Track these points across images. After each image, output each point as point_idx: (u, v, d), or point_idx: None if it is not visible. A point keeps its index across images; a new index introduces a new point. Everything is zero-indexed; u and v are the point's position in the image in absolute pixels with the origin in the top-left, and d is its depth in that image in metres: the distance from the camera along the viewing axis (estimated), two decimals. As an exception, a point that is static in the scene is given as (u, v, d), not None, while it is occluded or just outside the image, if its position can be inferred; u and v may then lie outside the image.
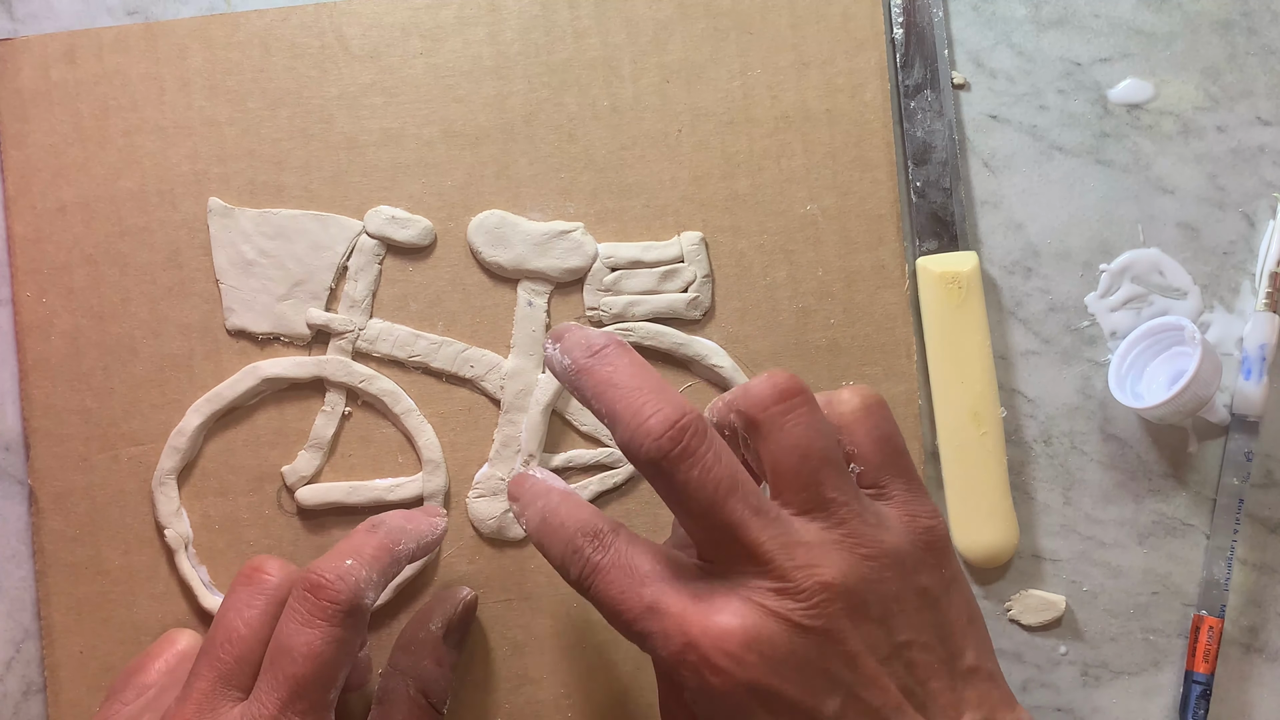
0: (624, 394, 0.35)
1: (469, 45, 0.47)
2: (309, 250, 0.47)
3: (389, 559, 0.40)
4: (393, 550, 0.40)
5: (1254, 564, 0.48)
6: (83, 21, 0.48)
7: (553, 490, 0.39)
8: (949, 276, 0.46)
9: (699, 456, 0.34)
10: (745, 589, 0.35)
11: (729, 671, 0.33)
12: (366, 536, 0.40)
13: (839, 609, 0.34)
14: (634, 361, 0.37)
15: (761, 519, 0.35)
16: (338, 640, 0.37)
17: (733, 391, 0.37)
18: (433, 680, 0.42)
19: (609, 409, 0.36)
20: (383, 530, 0.40)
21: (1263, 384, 0.47)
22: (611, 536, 0.37)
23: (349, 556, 0.39)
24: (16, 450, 0.47)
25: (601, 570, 0.36)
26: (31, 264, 0.47)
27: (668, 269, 0.47)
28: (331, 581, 0.37)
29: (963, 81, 0.48)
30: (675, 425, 0.34)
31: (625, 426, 0.35)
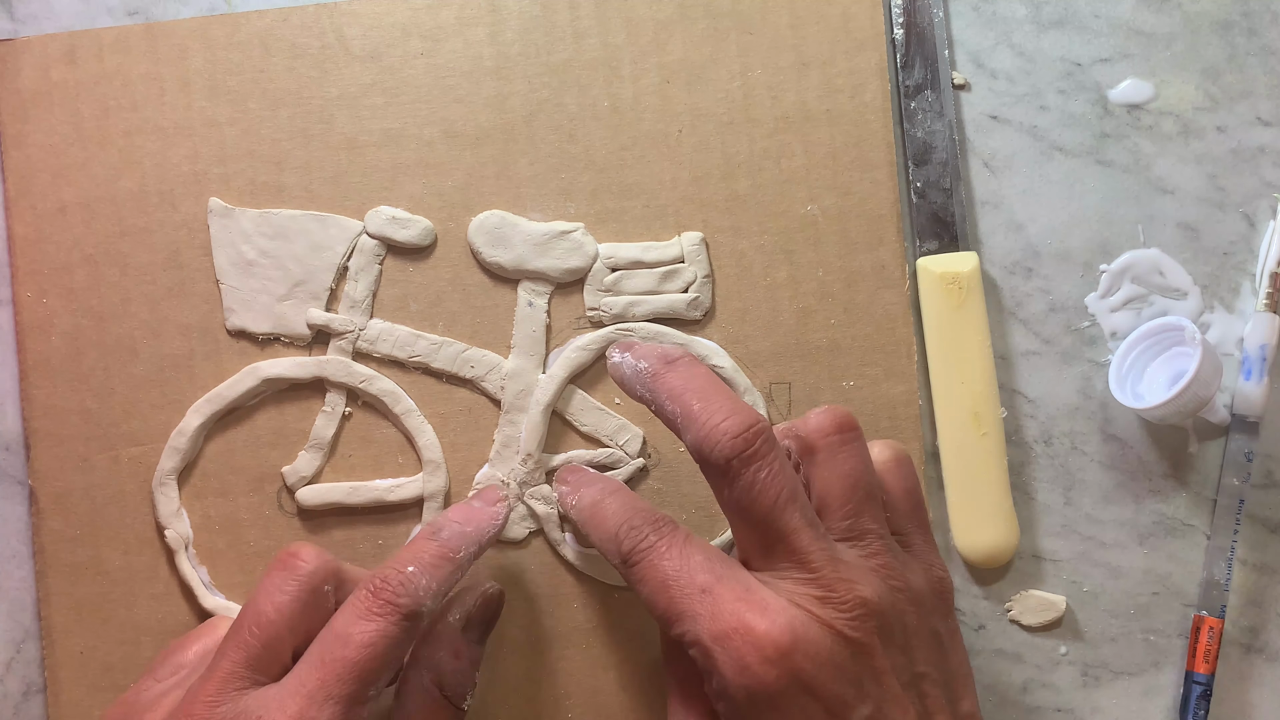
0: (700, 397, 0.38)
1: (469, 46, 0.47)
2: (309, 250, 0.47)
3: (450, 567, 0.40)
4: (453, 558, 0.40)
5: (1254, 564, 0.48)
6: (83, 22, 0.48)
7: (611, 481, 0.42)
8: (949, 277, 0.46)
9: (767, 461, 0.37)
10: (791, 593, 0.37)
11: (774, 662, 0.35)
12: (427, 543, 0.40)
13: (873, 626, 0.36)
14: (708, 372, 0.39)
15: (813, 531, 0.37)
16: (392, 638, 0.38)
17: (791, 421, 0.40)
18: (449, 673, 0.42)
19: (685, 409, 0.38)
20: (443, 536, 0.41)
21: (1263, 384, 0.47)
22: (670, 526, 0.39)
23: (411, 563, 0.39)
24: (17, 450, 0.47)
25: (657, 550, 0.38)
26: (32, 264, 0.47)
27: (668, 269, 0.47)
28: (394, 585, 0.38)
29: (963, 82, 0.48)
30: (750, 429, 0.37)
31: (701, 426, 0.37)
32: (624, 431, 0.47)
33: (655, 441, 0.47)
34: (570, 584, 0.47)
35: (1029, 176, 0.48)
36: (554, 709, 0.46)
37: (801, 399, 0.47)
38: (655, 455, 0.47)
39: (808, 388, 0.47)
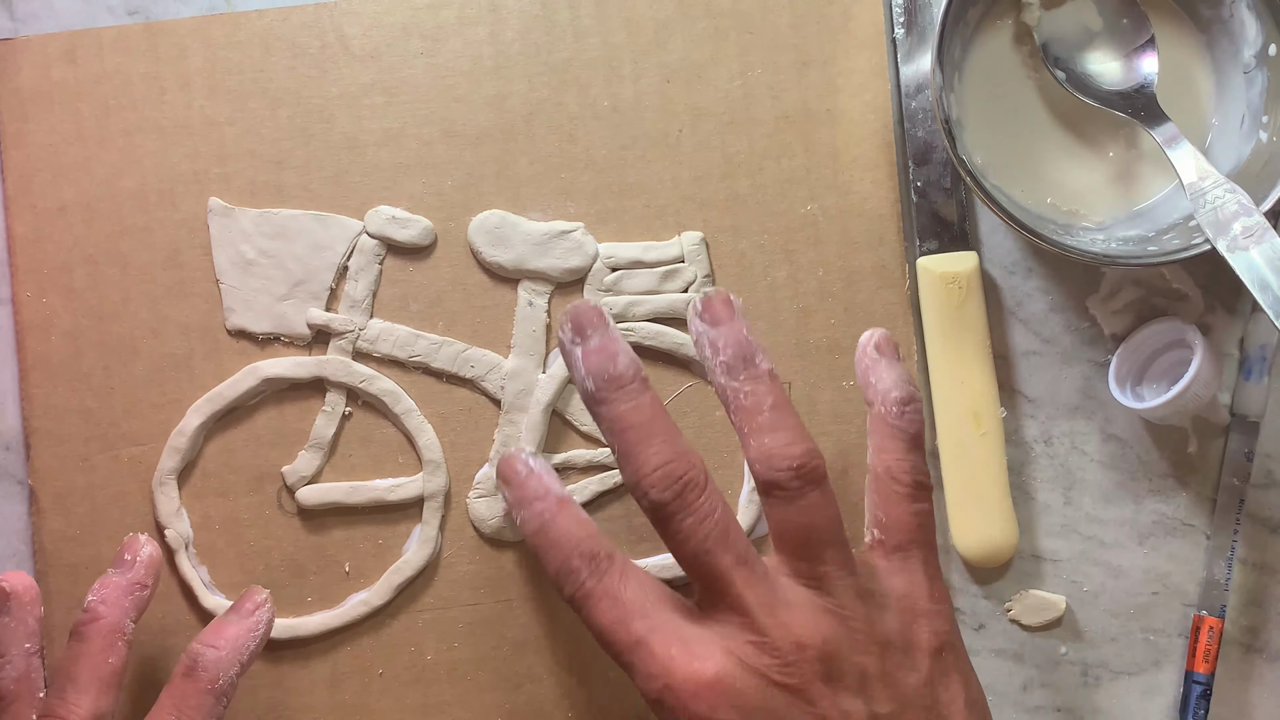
0: (635, 438, 0.38)
1: (469, 45, 0.47)
2: (309, 250, 0.47)
3: (211, 701, 0.40)
4: (214, 691, 0.40)
5: (1254, 564, 0.48)
6: (83, 21, 0.48)
7: (550, 495, 0.40)
8: (949, 276, 0.46)
9: (693, 508, 0.37)
10: (727, 638, 0.37)
11: (700, 715, 0.35)
12: (184, 684, 0.40)
13: (813, 671, 0.36)
14: (651, 402, 0.39)
15: (747, 573, 0.37)
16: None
17: (758, 445, 0.38)
18: None
19: (621, 449, 0.38)
20: (198, 671, 0.40)
21: (1263, 384, 0.47)
22: (607, 563, 0.38)
23: (171, 714, 0.40)
24: (17, 450, 0.47)
25: (594, 597, 0.38)
26: (32, 264, 0.47)
27: (668, 269, 0.47)
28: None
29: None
30: (678, 479, 0.37)
31: (631, 471, 0.38)
32: (624, 431, 0.47)
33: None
34: (570, 584, 0.47)
35: (1029, 176, 0.48)
36: (554, 709, 0.46)
37: (801, 399, 0.47)
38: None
39: (808, 387, 0.47)
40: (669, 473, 0.37)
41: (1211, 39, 0.46)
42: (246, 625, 0.42)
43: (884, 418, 0.40)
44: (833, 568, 0.37)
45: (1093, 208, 0.46)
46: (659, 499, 0.37)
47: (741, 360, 0.39)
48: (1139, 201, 0.47)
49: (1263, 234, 0.41)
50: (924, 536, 0.40)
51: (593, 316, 0.39)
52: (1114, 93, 0.46)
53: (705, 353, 0.39)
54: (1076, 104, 0.46)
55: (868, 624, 0.37)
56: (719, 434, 0.47)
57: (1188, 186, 0.43)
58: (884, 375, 0.41)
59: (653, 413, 0.38)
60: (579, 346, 0.39)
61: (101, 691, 0.40)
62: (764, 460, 0.38)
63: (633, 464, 0.38)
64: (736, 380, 0.39)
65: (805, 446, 0.38)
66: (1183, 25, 0.47)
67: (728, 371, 0.39)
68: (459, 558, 0.47)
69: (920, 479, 0.40)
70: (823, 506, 0.38)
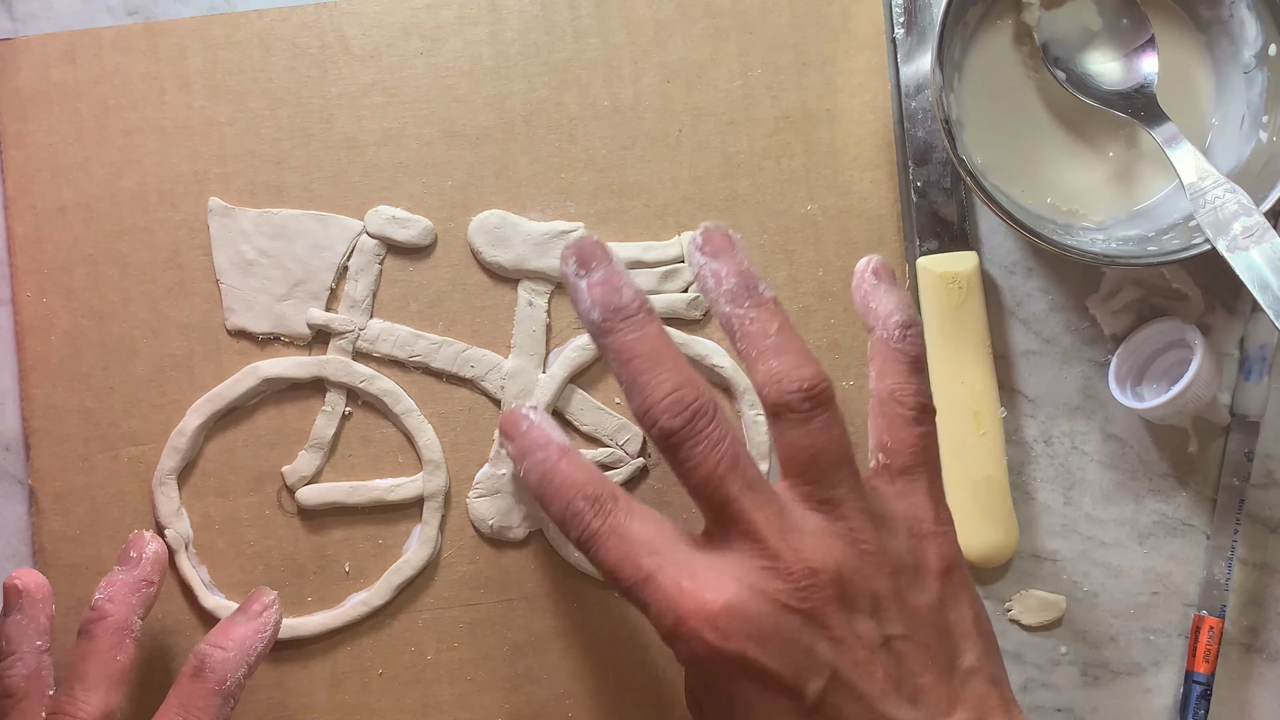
0: (642, 366, 0.38)
1: (469, 45, 0.47)
2: (309, 250, 0.47)
3: (219, 702, 0.40)
4: (221, 692, 0.40)
5: (1254, 564, 0.48)
6: (83, 21, 0.48)
7: (552, 443, 0.40)
8: (949, 276, 0.46)
9: (703, 435, 0.37)
10: (738, 565, 0.36)
11: (714, 644, 0.35)
12: (191, 685, 0.40)
13: (827, 595, 0.36)
14: (657, 332, 0.38)
15: (757, 498, 0.37)
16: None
17: (766, 369, 0.38)
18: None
19: (627, 378, 0.38)
20: (206, 672, 0.41)
21: (1263, 384, 0.47)
22: (611, 502, 0.38)
23: (178, 714, 0.40)
24: (16, 450, 0.47)
25: (600, 536, 0.37)
26: (31, 264, 0.47)
27: (668, 269, 0.47)
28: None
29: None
30: (688, 407, 0.37)
31: (640, 399, 0.37)
32: (624, 431, 0.47)
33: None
34: (570, 584, 0.47)
35: (1029, 176, 0.48)
36: (554, 709, 0.46)
37: (802, 399, 0.47)
38: (655, 455, 0.47)
39: (808, 387, 0.47)
40: (678, 399, 0.37)
41: (1211, 39, 0.46)
42: (254, 626, 0.42)
43: (886, 342, 0.40)
44: (843, 490, 0.37)
45: (1093, 208, 0.46)
46: (669, 426, 0.37)
47: (745, 288, 0.39)
48: (1139, 201, 0.47)
49: (1263, 234, 0.41)
50: (928, 459, 0.40)
51: (597, 250, 0.39)
52: (1114, 93, 0.46)
53: (708, 284, 0.39)
54: (1076, 104, 0.46)
55: (878, 547, 0.37)
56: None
57: (1188, 186, 0.43)
58: (884, 300, 0.41)
59: (659, 342, 0.38)
60: (583, 279, 0.39)
61: (110, 689, 0.40)
62: (773, 383, 0.37)
63: (641, 392, 0.37)
64: (741, 307, 0.39)
65: (814, 368, 0.38)
66: (1183, 25, 0.47)
67: (732, 299, 0.39)
68: (459, 558, 0.47)
69: (924, 401, 0.40)
70: (832, 428, 0.37)
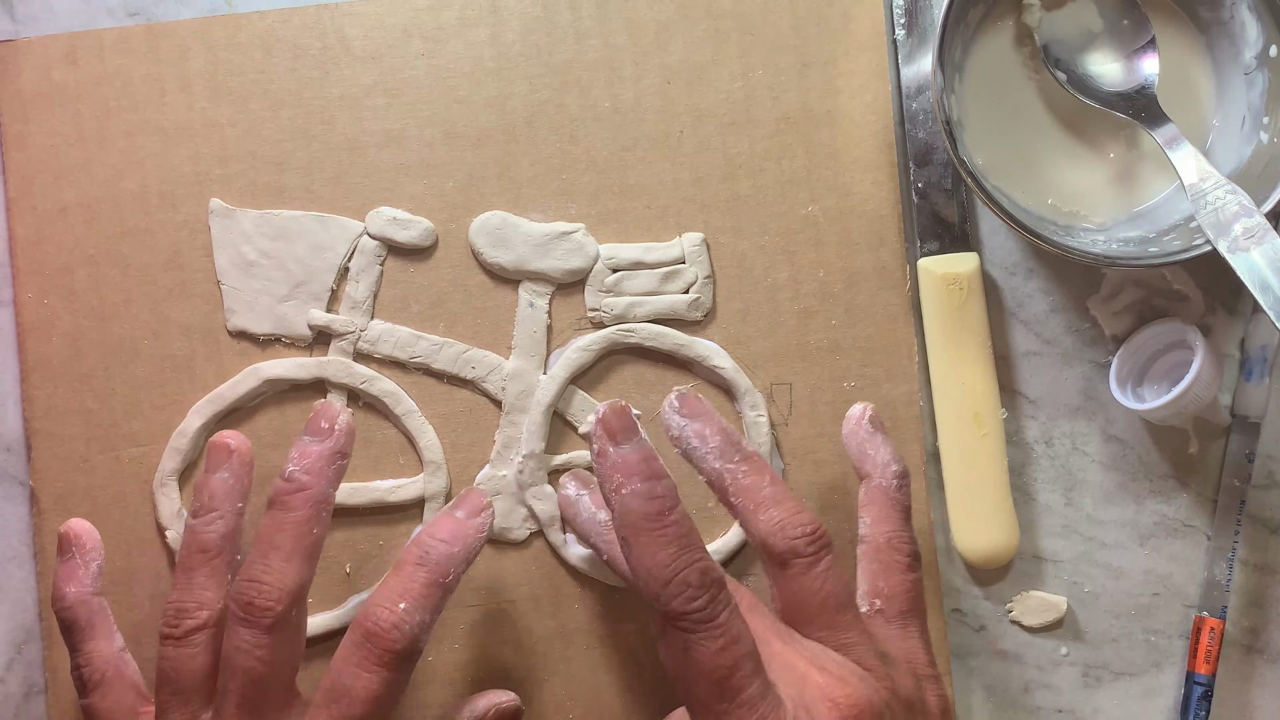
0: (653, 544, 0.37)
1: (470, 47, 0.47)
2: (310, 251, 0.47)
3: (439, 594, 0.40)
4: (443, 584, 0.40)
5: (1255, 565, 0.48)
6: (84, 23, 0.48)
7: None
8: (950, 277, 0.46)
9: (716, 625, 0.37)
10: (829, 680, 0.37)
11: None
12: (415, 571, 0.40)
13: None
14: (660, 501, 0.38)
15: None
16: (392, 683, 0.38)
17: (768, 519, 0.39)
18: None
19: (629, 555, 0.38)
20: (430, 563, 0.40)
21: (1264, 385, 0.47)
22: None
23: (401, 599, 0.39)
24: (18, 451, 0.47)
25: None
26: (33, 265, 0.47)
27: (669, 270, 0.47)
28: (387, 630, 0.38)
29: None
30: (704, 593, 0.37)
31: (648, 587, 0.37)
32: (625, 432, 0.47)
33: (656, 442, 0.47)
34: (570, 585, 0.47)
35: (1030, 177, 0.48)
36: (554, 709, 0.46)
37: (802, 399, 0.47)
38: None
39: (808, 388, 0.47)
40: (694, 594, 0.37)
41: (1212, 40, 0.46)
42: (475, 525, 0.41)
43: (885, 490, 0.42)
44: (854, 634, 0.38)
45: (1093, 209, 0.46)
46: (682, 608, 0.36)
47: (731, 444, 0.40)
48: (1140, 202, 0.47)
49: (1263, 235, 0.41)
50: (919, 606, 0.41)
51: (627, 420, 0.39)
52: (1115, 94, 0.46)
53: (692, 443, 0.41)
54: (1077, 105, 0.46)
55: (892, 684, 0.38)
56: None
57: (1188, 188, 0.43)
58: (881, 449, 0.43)
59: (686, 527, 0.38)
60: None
61: (305, 561, 0.40)
62: (778, 532, 0.39)
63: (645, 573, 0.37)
64: (732, 462, 0.40)
65: (811, 515, 0.39)
66: (1183, 26, 0.47)
67: (721, 455, 0.40)
68: (460, 559, 0.47)
69: (916, 550, 0.42)
70: (837, 571, 0.39)
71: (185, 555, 0.41)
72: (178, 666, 0.40)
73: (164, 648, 0.40)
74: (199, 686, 0.40)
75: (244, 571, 0.39)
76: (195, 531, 0.41)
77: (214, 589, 0.40)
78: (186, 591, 0.40)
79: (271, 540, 0.39)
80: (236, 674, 0.38)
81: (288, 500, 0.40)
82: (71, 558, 0.43)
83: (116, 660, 0.42)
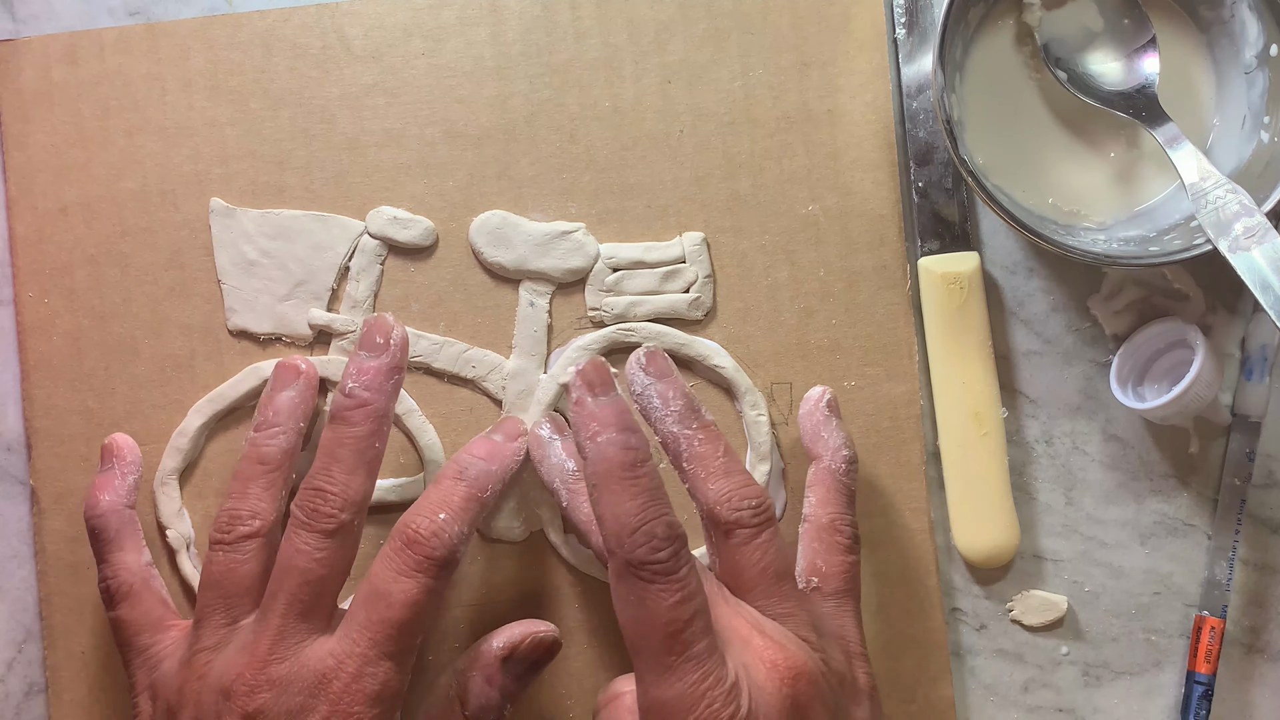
0: (626, 496, 0.38)
1: (471, 46, 0.47)
2: (311, 251, 0.47)
3: (477, 508, 0.41)
4: (481, 498, 0.41)
5: (1256, 564, 0.48)
6: (84, 22, 0.48)
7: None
8: (951, 277, 0.46)
9: (674, 579, 0.37)
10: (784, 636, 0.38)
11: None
12: (454, 485, 0.41)
13: (811, 692, 0.37)
14: (628, 464, 0.38)
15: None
16: (431, 590, 0.39)
17: (717, 489, 0.39)
18: (475, 695, 0.42)
19: (598, 513, 0.38)
20: (469, 478, 0.41)
21: (1264, 384, 0.47)
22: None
23: (441, 509, 0.40)
24: (18, 450, 0.47)
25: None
26: (33, 264, 0.47)
27: (669, 269, 0.47)
28: (427, 538, 0.39)
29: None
30: (668, 543, 0.37)
31: (611, 532, 0.38)
32: (625, 431, 0.47)
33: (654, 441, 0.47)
34: (570, 584, 0.47)
35: (1030, 176, 0.48)
36: (554, 709, 0.46)
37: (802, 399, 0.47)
38: (656, 455, 0.47)
39: (809, 388, 0.47)
40: (658, 542, 0.37)
41: (1212, 39, 0.46)
42: (512, 449, 0.43)
43: (834, 473, 0.43)
44: (792, 604, 0.39)
45: (1094, 208, 0.46)
46: (642, 555, 0.37)
47: (691, 411, 0.41)
48: (1140, 202, 0.47)
49: (1264, 234, 0.41)
50: (855, 587, 0.42)
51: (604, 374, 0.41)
52: (1115, 93, 0.46)
53: (653, 403, 0.41)
54: (1078, 104, 0.46)
55: (826, 656, 0.39)
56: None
57: (1189, 187, 0.43)
58: (834, 433, 0.44)
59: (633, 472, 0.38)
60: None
61: (367, 475, 0.41)
62: (725, 502, 0.39)
63: (609, 524, 0.38)
64: (690, 428, 0.41)
65: (759, 488, 0.40)
66: (1184, 26, 0.47)
67: (680, 420, 0.41)
68: (460, 558, 0.47)
69: (856, 533, 0.43)
70: (778, 543, 0.40)
71: (244, 466, 0.42)
72: (226, 570, 0.40)
73: (213, 552, 0.41)
74: (244, 592, 0.40)
75: (307, 482, 0.40)
76: (256, 444, 0.42)
77: (269, 501, 0.41)
78: (241, 500, 0.41)
79: (333, 454, 0.40)
80: (293, 574, 0.39)
81: (348, 415, 0.41)
82: (111, 468, 0.44)
83: (144, 572, 0.43)
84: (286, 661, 0.38)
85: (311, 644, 0.39)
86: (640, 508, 0.37)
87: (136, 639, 0.42)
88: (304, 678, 0.38)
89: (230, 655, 0.39)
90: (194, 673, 0.39)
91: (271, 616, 0.39)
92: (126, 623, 0.42)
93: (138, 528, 0.44)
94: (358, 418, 0.41)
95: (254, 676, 0.38)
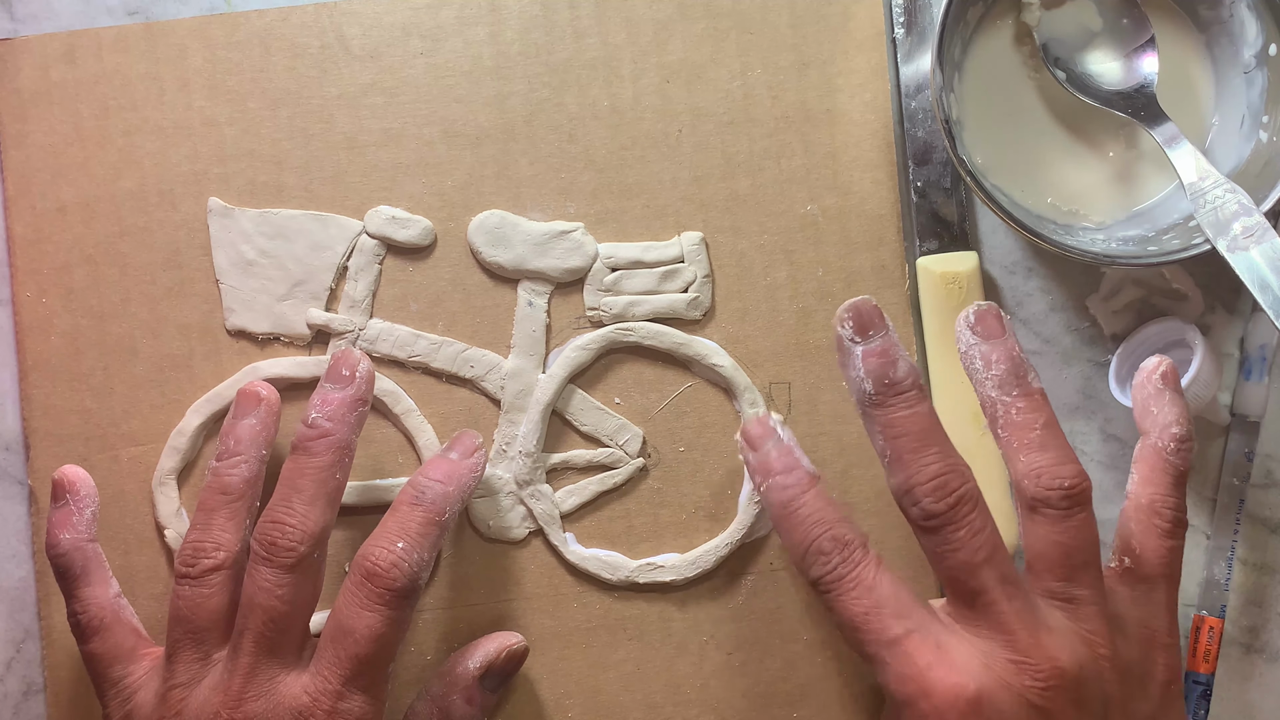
0: (911, 445, 0.38)
1: (469, 45, 0.47)
2: (309, 250, 0.47)
3: (436, 532, 0.41)
4: (439, 522, 0.41)
5: (1254, 564, 0.48)
6: (83, 21, 0.48)
7: (800, 468, 0.40)
8: (949, 276, 0.46)
9: (965, 522, 0.37)
10: (987, 655, 0.37)
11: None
12: (411, 511, 0.41)
13: (1067, 697, 0.36)
14: (928, 411, 0.39)
15: (1011, 590, 0.37)
16: (395, 621, 0.39)
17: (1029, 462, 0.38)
18: (458, 717, 0.43)
19: (893, 454, 0.38)
20: (426, 502, 0.41)
21: (1263, 384, 0.47)
22: (859, 552, 0.38)
23: (399, 538, 0.40)
24: (16, 450, 0.47)
25: (844, 585, 0.38)
26: (31, 264, 0.47)
27: (668, 269, 0.47)
28: (386, 569, 0.39)
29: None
30: (952, 492, 0.37)
31: (904, 477, 0.38)
32: (624, 431, 0.47)
33: (655, 441, 0.47)
34: (570, 584, 0.47)
35: (1029, 176, 0.48)
36: (554, 709, 0.46)
37: (801, 399, 0.47)
38: (655, 455, 0.47)
39: (808, 387, 0.47)
40: (944, 483, 0.37)
41: (1211, 39, 0.46)
42: (468, 465, 0.43)
43: (1160, 451, 0.41)
44: (1087, 591, 0.38)
45: (1093, 207, 0.46)
46: (932, 509, 0.37)
47: (1014, 376, 0.39)
48: (1139, 201, 0.47)
49: (1263, 234, 0.41)
50: (1172, 572, 0.40)
51: (875, 316, 0.39)
52: (1114, 93, 0.46)
53: (975, 364, 0.40)
54: (1077, 104, 0.46)
55: (1113, 651, 0.38)
56: (718, 434, 0.47)
57: (1188, 186, 0.43)
58: (1166, 408, 0.41)
59: (929, 421, 0.38)
60: (859, 345, 0.39)
61: (327, 506, 0.40)
62: (1034, 477, 0.38)
63: (906, 470, 0.38)
64: (1009, 395, 0.39)
65: (1076, 467, 0.38)
66: (1183, 25, 0.47)
67: (1000, 385, 0.39)
68: (459, 558, 0.47)
69: (1181, 516, 0.41)
70: (1086, 528, 0.38)
71: (206, 497, 0.41)
72: (192, 605, 0.40)
73: (179, 587, 0.40)
74: (213, 626, 0.40)
75: (267, 514, 0.40)
76: (218, 474, 0.42)
77: (232, 531, 0.41)
78: (205, 532, 0.41)
79: (294, 484, 0.40)
80: (257, 612, 0.39)
81: (310, 445, 0.41)
82: (65, 504, 0.43)
83: (113, 605, 0.43)
84: (261, 699, 0.39)
85: (284, 679, 0.39)
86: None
87: (109, 670, 0.42)
88: (280, 716, 0.38)
89: (205, 694, 0.39)
90: (169, 709, 0.40)
91: (241, 656, 0.39)
92: (99, 656, 0.42)
93: (102, 560, 0.43)
94: (319, 448, 0.41)
95: (230, 715, 0.39)
